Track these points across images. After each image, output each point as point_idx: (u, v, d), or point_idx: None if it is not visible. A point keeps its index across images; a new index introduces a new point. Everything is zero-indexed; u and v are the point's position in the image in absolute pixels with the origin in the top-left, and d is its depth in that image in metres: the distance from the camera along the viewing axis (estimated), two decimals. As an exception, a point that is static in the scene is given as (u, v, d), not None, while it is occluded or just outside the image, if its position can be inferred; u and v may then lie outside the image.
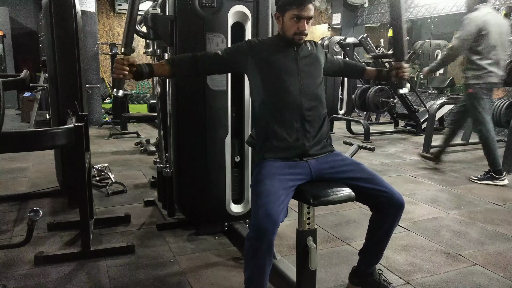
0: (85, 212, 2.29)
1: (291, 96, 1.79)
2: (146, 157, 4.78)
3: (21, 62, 9.26)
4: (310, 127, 1.80)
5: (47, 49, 3.01)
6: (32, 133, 2.21)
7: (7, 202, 3.17)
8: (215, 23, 2.34)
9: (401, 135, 6.60)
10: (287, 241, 2.52)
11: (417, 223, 2.88)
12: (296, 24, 1.76)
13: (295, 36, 1.79)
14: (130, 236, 2.62)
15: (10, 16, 9.13)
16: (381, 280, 1.93)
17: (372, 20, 9.09)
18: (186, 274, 2.15)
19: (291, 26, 1.77)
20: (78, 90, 2.96)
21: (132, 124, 7.04)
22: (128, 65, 1.69)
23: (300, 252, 1.70)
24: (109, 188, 3.48)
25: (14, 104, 9.06)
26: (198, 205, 2.55)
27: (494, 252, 2.44)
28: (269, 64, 1.81)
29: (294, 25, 1.76)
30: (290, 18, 1.76)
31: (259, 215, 1.53)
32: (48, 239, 2.55)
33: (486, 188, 3.70)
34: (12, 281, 2.07)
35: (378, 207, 1.76)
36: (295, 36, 1.79)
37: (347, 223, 2.86)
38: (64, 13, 2.86)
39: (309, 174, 1.75)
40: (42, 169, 4.23)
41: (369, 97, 6.30)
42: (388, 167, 4.44)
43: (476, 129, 4.02)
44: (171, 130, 2.73)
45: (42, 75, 5.58)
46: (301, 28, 1.77)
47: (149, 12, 2.50)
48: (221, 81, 2.40)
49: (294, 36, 1.79)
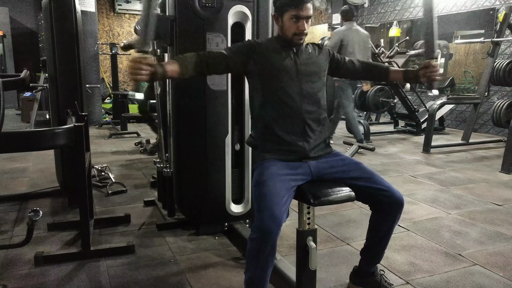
0: (85, 212, 2.29)
1: (290, 99, 1.78)
2: (146, 157, 4.78)
3: (21, 62, 9.25)
4: (310, 130, 1.80)
5: (47, 49, 3.01)
6: (32, 133, 2.21)
7: (7, 202, 3.17)
8: (215, 23, 2.34)
9: (401, 135, 6.60)
10: (287, 241, 2.52)
11: (417, 223, 2.88)
12: (295, 24, 1.75)
13: (294, 36, 1.78)
14: (130, 236, 2.62)
15: (10, 16, 9.13)
16: (382, 280, 1.93)
17: (372, 20, 9.08)
18: (186, 274, 2.15)
19: (290, 26, 1.76)
20: (78, 90, 2.95)
21: (132, 124, 7.04)
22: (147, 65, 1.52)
23: (300, 252, 1.70)
24: (109, 188, 3.48)
25: (14, 104, 9.07)
26: (198, 205, 2.55)
27: (494, 252, 2.44)
28: (269, 66, 1.80)
29: (293, 25, 1.75)
30: (289, 18, 1.75)
31: (263, 216, 1.52)
32: (48, 239, 2.55)
33: (486, 188, 3.70)
34: (12, 281, 2.07)
35: (378, 206, 1.76)
36: (294, 36, 1.78)
37: (347, 223, 2.86)
38: (64, 13, 2.85)
39: (309, 174, 1.75)
40: (42, 169, 4.23)
41: (369, 97, 6.30)
42: (388, 167, 4.44)
43: (343, 111, 5.34)
44: (171, 130, 2.73)
45: (42, 75, 5.58)
46: (301, 28, 1.75)
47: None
48: (221, 81, 2.40)
49: (293, 37, 1.78)
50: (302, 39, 1.80)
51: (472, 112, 5.59)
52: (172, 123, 2.63)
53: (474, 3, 6.63)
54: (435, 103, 5.48)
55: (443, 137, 6.25)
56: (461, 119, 7.05)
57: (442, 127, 6.85)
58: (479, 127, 6.66)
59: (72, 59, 2.92)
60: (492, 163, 4.66)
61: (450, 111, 7.11)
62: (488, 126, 6.49)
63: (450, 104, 6.26)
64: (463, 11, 6.90)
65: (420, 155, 5.07)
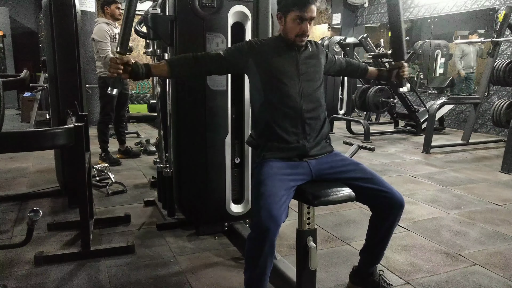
0: (85, 212, 2.29)
1: (291, 99, 1.77)
2: (146, 157, 4.78)
3: (21, 62, 9.25)
4: (310, 129, 1.80)
5: (47, 49, 3.01)
6: (32, 133, 2.21)
7: (7, 202, 3.17)
8: (215, 23, 2.34)
9: (401, 135, 6.59)
10: (287, 241, 2.52)
11: (417, 223, 2.88)
12: (298, 25, 1.74)
13: (297, 38, 1.77)
14: (130, 236, 2.62)
15: (10, 16, 9.13)
16: (381, 281, 1.93)
17: (372, 20, 9.08)
18: (186, 274, 2.15)
19: (293, 27, 1.75)
20: (78, 90, 2.95)
21: (132, 124, 7.04)
22: (123, 64, 1.70)
23: (300, 252, 1.70)
24: (109, 188, 3.48)
25: (14, 104, 9.07)
26: (198, 205, 2.55)
27: (494, 252, 2.44)
28: (269, 66, 1.79)
29: (297, 26, 1.75)
30: (292, 19, 1.74)
31: (261, 215, 1.53)
32: (48, 239, 2.55)
33: (486, 188, 3.70)
34: (12, 281, 2.07)
35: (379, 207, 1.76)
36: (297, 38, 1.77)
37: (347, 223, 2.86)
38: (64, 13, 2.85)
39: (309, 174, 1.75)
40: (42, 169, 4.23)
41: (369, 97, 6.30)
42: (388, 167, 4.44)
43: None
44: (171, 130, 2.73)
45: (42, 75, 5.58)
46: (304, 30, 1.75)
47: (149, 12, 2.50)
48: (221, 81, 2.40)
49: (296, 38, 1.77)
50: (304, 40, 1.80)
51: (472, 112, 5.60)
52: (172, 123, 2.63)
53: (474, 3, 6.63)
54: (435, 103, 5.48)
55: (443, 137, 6.24)
56: (461, 119, 7.06)
57: (442, 127, 6.85)
58: (479, 127, 6.66)
59: (72, 59, 2.92)
60: (492, 163, 4.66)
61: (450, 111, 7.11)
62: (488, 126, 6.49)
63: (450, 104, 6.25)
64: (463, 11, 6.90)
65: (420, 155, 5.07)
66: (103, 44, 4.11)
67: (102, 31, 4.14)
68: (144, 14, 2.85)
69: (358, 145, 2.59)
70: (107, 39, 4.13)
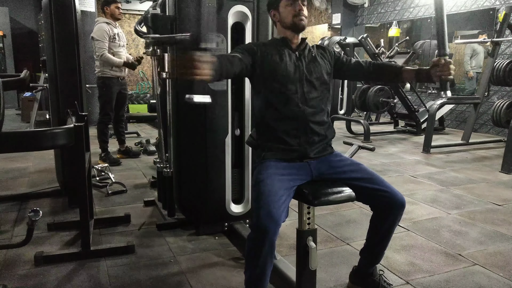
0: (85, 212, 2.29)
1: (293, 103, 1.76)
2: (146, 157, 4.78)
3: (21, 62, 9.25)
4: (312, 134, 1.79)
5: (47, 49, 3.01)
6: (32, 133, 2.21)
7: (7, 202, 3.17)
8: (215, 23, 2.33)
9: (401, 135, 6.60)
10: (287, 241, 2.52)
11: (417, 223, 2.88)
12: (292, 8, 1.75)
13: (294, 18, 1.76)
14: (130, 236, 2.62)
15: (10, 16, 9.13)
16: (381, 281, 1.93)
17: (372, 20, 9.08)
18: (186, 274, 2.15)
19: (288, 12, 1.76)
20: (78, 90, 2.95)
21: (132, 124, 7.03)
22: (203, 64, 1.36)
23: (300, 252, 1.70)
24: (109, 188, 3.48)
25: (14, 104, 9.06)
26: (198, 205, 2.55)
27: (494, 252, 2.44)
28: (271, 70, 1.77)
29: (291, 10, 1.75)
30: (285, 5, 1.75)
31: (260, 215, 1.53)
32: (48, 239, 2.55)
33: (486, 188, 3.70)
34: (12, 281, 2.07)
35: (379, 207, 1.75)
36: (294, 18, 1.76)
37: (347, 223, 2.86)
38: (64, 13, 2.85)
39: (309, 174, 1.75)
40: (42, 169, 4.23)
41: (369, 97, 6.30)
42: (388, 167, 4.44)
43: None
44: (171, 130, 2.73)
45: (42, 75, 5.58)
46: (298, 8, 1.75)
47: (149, 12, 2.50)
48: (221, 81, 2.39)
49: (294, 19, 1.76)
50: (303, 20, 1.77)
51: (472, 112, 5.59)
52: (172, 123, 2.63)
53: (474, 3, 6.63)
54: (435, 103, 5.48)
55: (443, 137, 6.25)
56: (461, 119, 7.05)
57: (442, 127, 6.85)
58: (479, 127, 6.66)
59: (72, 59, 2.92)
60: (492, 163, 4.66)
61: (450, 111, 7.11)
62: (488, 126, 6.49)
63: (450, 104, 6.25)
64: (463, 11, 6.90)
65: (420, 155, 5.07)
66: (100, 43, 4.12)
67: (101, 30, 4.14)
68: (144, 14, 2.84)
69: (358, 145, 2.59)
70: (105, 39, 4.14)
